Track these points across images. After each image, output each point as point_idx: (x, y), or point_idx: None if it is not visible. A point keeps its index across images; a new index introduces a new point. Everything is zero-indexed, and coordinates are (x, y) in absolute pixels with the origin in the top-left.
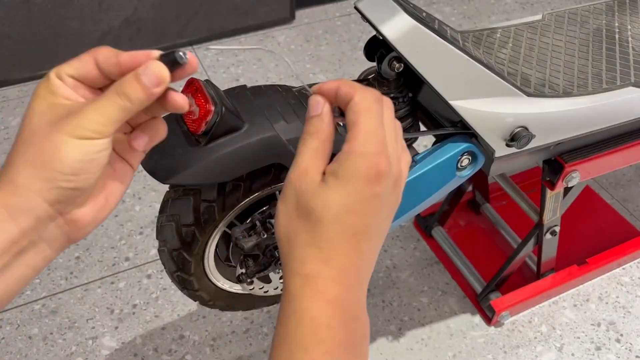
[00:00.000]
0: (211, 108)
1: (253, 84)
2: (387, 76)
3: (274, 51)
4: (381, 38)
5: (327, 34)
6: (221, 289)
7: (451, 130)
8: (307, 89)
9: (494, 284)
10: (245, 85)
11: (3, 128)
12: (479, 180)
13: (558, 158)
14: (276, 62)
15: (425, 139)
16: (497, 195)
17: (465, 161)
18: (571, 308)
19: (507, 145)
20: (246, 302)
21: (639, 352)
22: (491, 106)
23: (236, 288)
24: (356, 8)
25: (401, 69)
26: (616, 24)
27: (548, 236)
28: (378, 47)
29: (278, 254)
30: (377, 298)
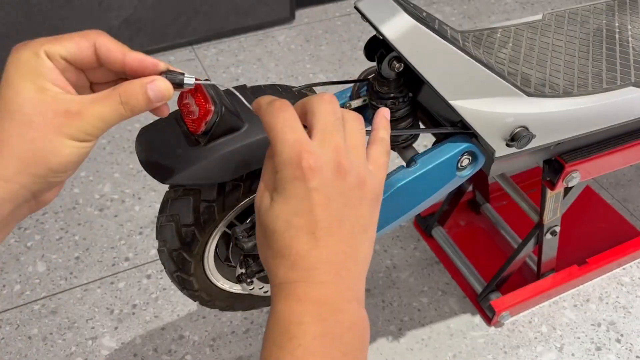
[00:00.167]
0: (211, 108)
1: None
2: (387, 76)
3: (224, 85)
4: (381, 38)
5: (327, 34)
6: (221, 289)
7: (451, 130)
8: (249, 106)
9: (494, 284)
10: (245, 85)
11: None
12: (479, 180)
13: (558, 158)
14: (276, 62)
15: (425, 139)
16: (497, 195)
17: (465, 161)
18: (571, 308)
19: (507, 145)
20: (246, 302)
21: (639, 352)
22: (491, 106)
23: (236, 288)
24: (356, 8)
25: (401, 69)
26: (616, 24)
27: (548, 236)
28: (378, 47)
29: None
30: (377, 298)
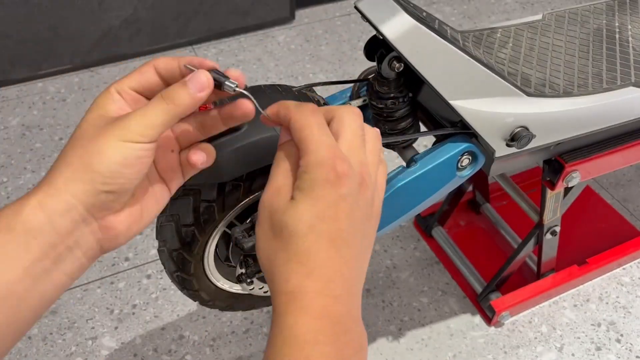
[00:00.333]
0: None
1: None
2: (387, 76)
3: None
4: (381, 38)
5: (327, 34)
6: (221, 289)
7: (451, 130)
8: (262, 111)
9: (494, 284)
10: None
11: (3, 128)
12: (479, 180)
13: (558, 158)
14: (276, 62)
15: (425, 139)
16: (497, 195)
17: (465, 161)
18: (571, 308)
19: (507, 145)
20: (246, 302)
21: (639, 352)
22: (491, 106)
23: (236, 288)
24: (356, 8)
25: (401, 69)
26: (616, 24)
27: (548, 236)
28: (378, 47)
29: None
30: (377, 298)
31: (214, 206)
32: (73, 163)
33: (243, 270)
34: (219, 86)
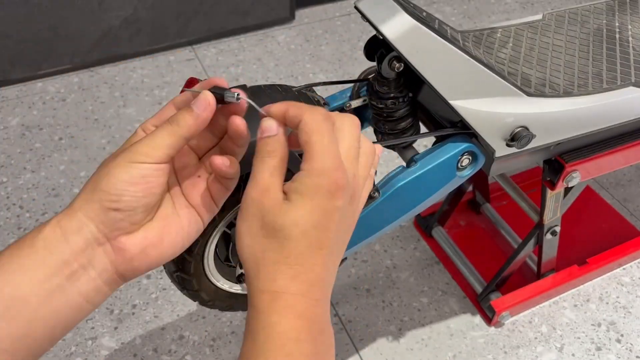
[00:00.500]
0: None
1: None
2: (387, 76)
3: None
4: (381, 38)
5: (327, 34)
6: (221, 289)
7: (451, 130)
8: (261, 112)
9: (494, 284)
10: (245, 85)
11: (2, 128)
12: (479, 180)
13: (558, 158)
14: (276, 62)
15: (425, 139)
16: (498, 195)
17: (465, 161)
18: (571, 308)
19: (508, 145)
20: (246, 302)
21: (639, 353)
22: (491, 106)
23: (236, 288)
24: (356, 8)
25: (401, 69)
26: (617, 24)
27: (548, 236)
28: (378, 47)
29: None
30: (377, 298)
31: None
32: (87, 186)
33: (243, 270)
34: (222, 100)
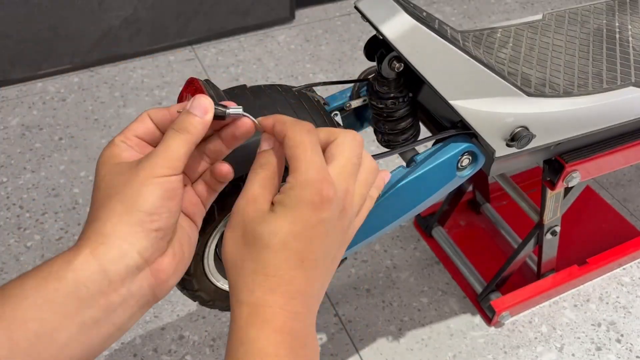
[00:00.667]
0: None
1: (253, 84)
2: (387, 76)
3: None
4: (381, 38)
5: (327, 34)
6: (221, 289)
7: (451, 132)
8: (255, 122)
9: (494, 284)
10: (245, 85)
11: (2, 128)
12: (479, 180)
13: (558, 158)
14: (276, 62)
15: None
16: (498, 195)
17: (465, 161)
18: (571, 308)
19: (508, 145)
20: None
21: (639, 353)
22: (491, 106)
23: None
24: (356, 8)
25: (401, 69)
26: (617, 24)
27: (548, 236)
28: (378, 47)
29: None
30: (377, 298)
31: (214, 206)
32: (116, 209)
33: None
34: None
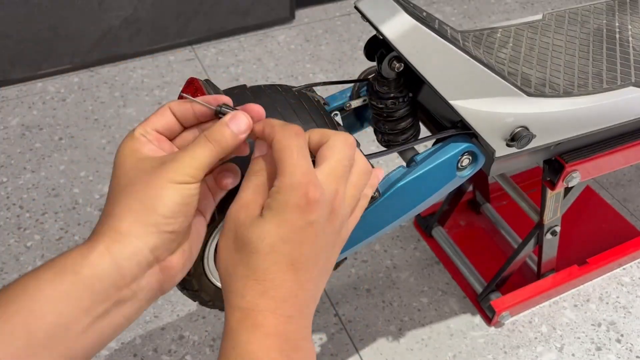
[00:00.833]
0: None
1: (253, 84)
2: (387, 76)
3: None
4: (381, 38)
5: (327, 34)
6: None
7: (451, 132)
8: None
9: (494, 284)
10: (245, 85)
11: (2, 128)
12: (479, 180)
13: (558, 158)
14: (276, 62)
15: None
16: (498, 195)
17: (465, 161)
18: (571, 308)
19: (508, 145)
20: None
21: (639, 353)
22: (491, 106)
23: None
24: (356, 7)
25: (401, 69)
26: (617, 24)
27: (548, 236)
28: (378, 47)
29: None
30: (377, 298)
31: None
32: (134, 208)
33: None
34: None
